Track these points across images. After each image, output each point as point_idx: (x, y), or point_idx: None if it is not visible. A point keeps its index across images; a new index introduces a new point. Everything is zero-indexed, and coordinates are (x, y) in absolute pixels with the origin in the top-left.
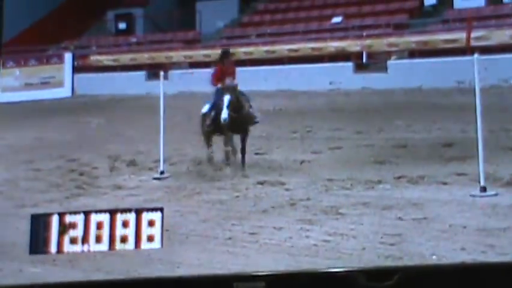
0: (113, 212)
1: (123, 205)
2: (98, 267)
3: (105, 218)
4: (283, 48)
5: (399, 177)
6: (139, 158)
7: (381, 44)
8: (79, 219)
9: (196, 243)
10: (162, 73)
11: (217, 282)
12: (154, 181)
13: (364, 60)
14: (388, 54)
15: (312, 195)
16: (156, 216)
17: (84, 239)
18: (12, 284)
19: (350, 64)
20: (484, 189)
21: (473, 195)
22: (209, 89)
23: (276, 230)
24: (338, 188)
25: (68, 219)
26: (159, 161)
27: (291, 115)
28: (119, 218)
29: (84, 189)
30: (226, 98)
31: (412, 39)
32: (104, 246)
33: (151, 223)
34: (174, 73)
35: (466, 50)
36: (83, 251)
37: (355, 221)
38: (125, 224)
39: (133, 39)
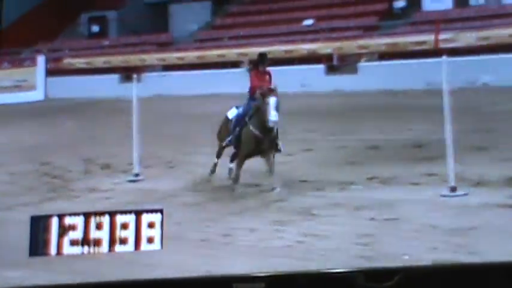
0: (112, 214)
1: (97, 208)
2: (71, 269)
3: (104, 220)
4: (255, 51)
5: (371, 178)
6: (113, 161)
7: (351, 46)
8: (78, 221)
9: (171, 245)
10: (135, 76)
11: (217, 283)
12: (129, 184)
13: (334, 62)
14: (358, 57)
15: (285, 196)
16: (156, 217)
17: (84, 241)
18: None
19: (321, 66)
20: (454, 189)
21: (444, 195)
22: (184, 91)
23: (250, 231)
24: (311, 189)
25: (68, 221)
26: (133, 163)
27: None
28: (119, 219)
29: (58, 193)
30: (273, 100)
31: (381, 42)
32: (104, 248)
33: (151, 225)
34: (147, 76)
35: (435, 52)
36: (83, 253)
37: (328, 221)
38: (124, 226)
39: (107, 42)
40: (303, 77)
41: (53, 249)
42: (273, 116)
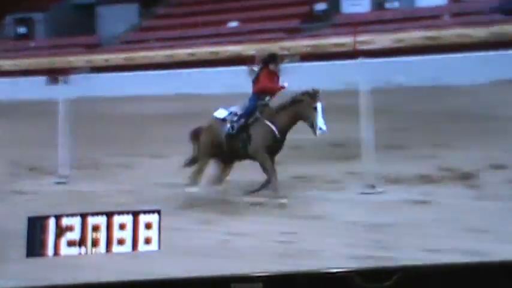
0: (109, 215)
1: (24, 210)
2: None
3: (102, 220)
4: (181, 53)
5: (294, 177)
6: (40, 163)
7: (274, 48)
8: (75, 222)
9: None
10: (61, 78)
11: (215, 283)
12: (56, 185)
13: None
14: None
15: (209, 196)
16: (153, 218)
17: (81, 242)
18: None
19: (245, 68)
20: (372, 186)
21: (362, 193)
22: (112, 92)
23: (175, 230)
24: (235, 188)
25: (65, 222)
26: (59, 165)
27: (188, 118)
28: (116, 220)
29: None
30: (320, 106)
31: (303, 43)
32: (101, 249)
33: (148, 225)
34: (74, 77)
35: (353, 54)
36: (80, 254)
37: (252, 220)
38: (122, 227)
39: (33, 44)
40: (228, 79)
41: (50, 250)
42: (322, 124)
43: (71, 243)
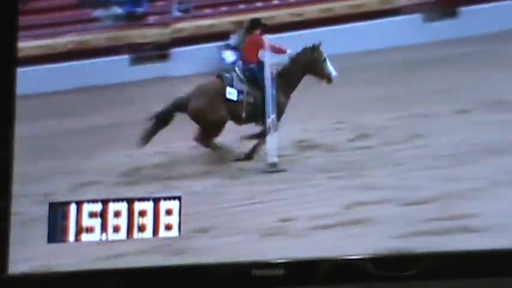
0: (130, 201)
1: None
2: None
3: (122, 207)
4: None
5: None
6: None
7: None
8: (97, 208)
9: None
10: None
11: (235, 270)
12: None
13: None
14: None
15: None
16: (174, 204)
17: (103, 228)
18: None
19: None
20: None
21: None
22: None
23: None
24: None
25: (86, 208)
26: None
27: None
28: (136, 207)
29: None
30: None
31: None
32: (122, 235)
33: (168, 212)
34: None
35: None
36: (100, 240)
37: None
38: (142, 213)
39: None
40: None
41: (71, 236)
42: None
43: (92, 230)
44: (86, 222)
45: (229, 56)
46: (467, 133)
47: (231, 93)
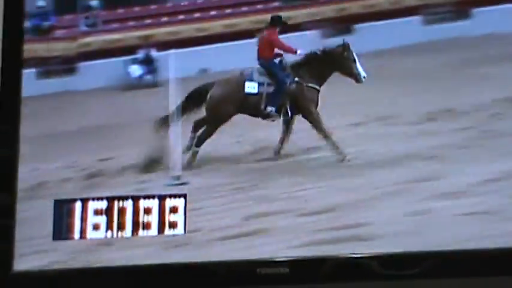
0: (135, 199)
1: None
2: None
3: (128, 204)
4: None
5: None
6: None
7: None
8: (102, 205)
9: None
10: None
11: (240, 268)
12: None
13: None
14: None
15: None
16: (180, 202)
17: (108, 226)
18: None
19: None
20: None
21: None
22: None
23: None
24: None
25: (91, 205)
26: None
27: None
28: (142, 204)
29: None
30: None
31: None
32: (127, 232)
33: (173, 210)
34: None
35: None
36: (106, 238)
37: None
38: (147, 211)
39: None
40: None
41: (76, 234)
42: (363, 71)
43: (97, 227)
44: (91, 219)
45: (136, 70)
46: (361, 145)
47: (250, 87)
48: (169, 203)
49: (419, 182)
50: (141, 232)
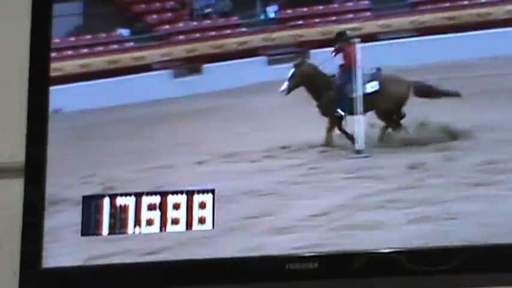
0: (163, 194)
1: None
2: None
3: (156, 200)
4: None
5: None
6: None
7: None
8: (130, 201)
9: None
10: None
11: (269, 263)
12: None
13: None
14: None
15: None
16: (208, 197)
17: (136, 221)
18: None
19: None
20: None
21: None
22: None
23: None
24: None
25: (119, 201)
26: None
27: None
28: (170, 200)
29: None
30: None
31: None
32: (155, 228)
33: (202, 205)
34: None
35: None
36: (134, 233)
37: None
38: (176, 206)
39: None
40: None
41: (104, 230)
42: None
43: (125, 223)
44: (120, 215)
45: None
46: (205, 182)
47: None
48: (197, 198)
49: (254, 218)
50: (169, 227)
